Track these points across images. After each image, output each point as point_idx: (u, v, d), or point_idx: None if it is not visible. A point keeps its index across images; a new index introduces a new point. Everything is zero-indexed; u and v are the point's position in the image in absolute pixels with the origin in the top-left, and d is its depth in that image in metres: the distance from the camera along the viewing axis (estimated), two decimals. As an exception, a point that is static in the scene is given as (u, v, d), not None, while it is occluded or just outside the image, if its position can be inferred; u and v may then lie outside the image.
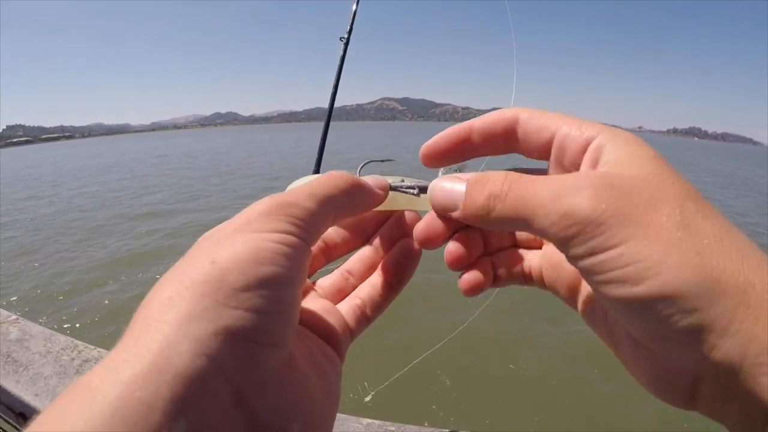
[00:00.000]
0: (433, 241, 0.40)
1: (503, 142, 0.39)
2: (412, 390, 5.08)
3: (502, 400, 5.22)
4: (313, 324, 0.38)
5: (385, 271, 0.44)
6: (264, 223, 0.31)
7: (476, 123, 0.40)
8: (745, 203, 18.85)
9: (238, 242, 0.30)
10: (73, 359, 1.46)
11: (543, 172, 0.39)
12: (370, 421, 1.36)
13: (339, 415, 1.31)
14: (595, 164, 0.33)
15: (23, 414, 1.35)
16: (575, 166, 0.35)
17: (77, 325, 7.39)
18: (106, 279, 9.23)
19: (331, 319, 0.40)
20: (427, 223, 0.40)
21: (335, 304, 0.43)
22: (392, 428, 1.37)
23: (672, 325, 0.26)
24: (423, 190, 0.42)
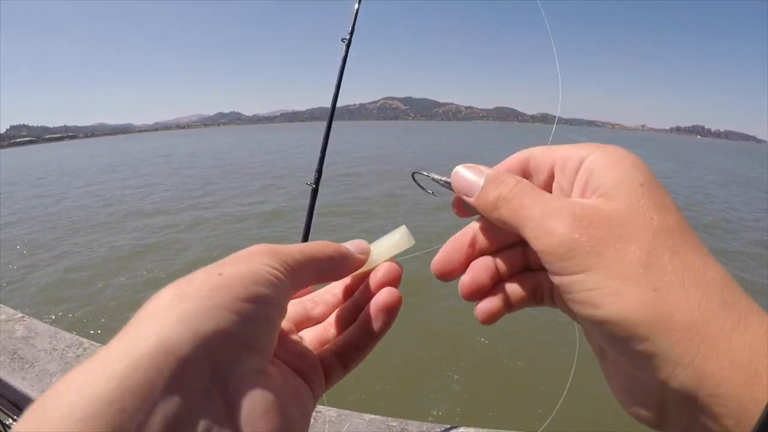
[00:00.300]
0: (450, 274, 0.44)
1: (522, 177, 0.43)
2: (418, 384, 5.11)
3: (507, 394, 5.24)
4: (290, 362, 0.41)
5: (363, 321, 0.46)
6: (261, 258, 0.36)
7: (497, 167, 0.44)
8: (741, 199, 19.03)
9: (242, 264, 0.35)
10: (78, 356, 1.47)
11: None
12: (372, 416, 1.38)
13: (342, 411, 1.32)
14: (585, 186, 0.37)
15: (29, 411, 1.36)
16: (571, 185, 0.39)
17: (84, 321, 7.43)
18: (112, 275, 9.27)
19: (308, 363, 0.43)
20: (444, 256, 0.44)
21: (315, 352, 0.46)
22: (394, 423, 1.39)
23: (630, 348, 0.30)
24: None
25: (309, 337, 0.48)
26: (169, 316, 0.29)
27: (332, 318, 0.49)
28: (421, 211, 13.61)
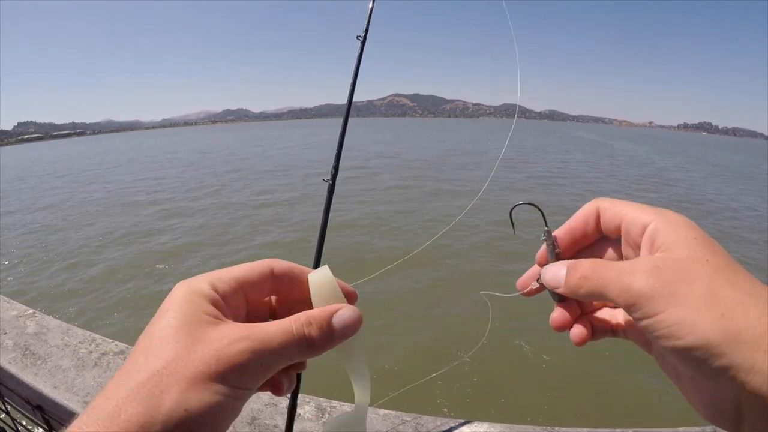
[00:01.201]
0: (565, 326, 0.54)
1: (596, 231, 0.53)
2: (435, 382, 5.11)
3: (523, 390, 5.25)
4: None
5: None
6: (234, 378, 0.39)
7: (572, 224, 0.54)
8: (742, 192, 20.29)
9: (209, 395, 0.38)
10: (91, 352, 1.46)
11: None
12: (386, 411, 1.36)
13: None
14: (651, 246, 0.45)
15: (40, 407, 1.36)
16: (637, 246, 0.47)
17: (97, 315, 7.49)
18: (126, 273, 9.37)
19: None
20: (559, 317, 0.54)
21: None
22: (408, 418, 1.38)
23: (709, 365, 0.37)
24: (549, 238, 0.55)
25: None
26: None
27: None
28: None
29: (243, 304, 0.48)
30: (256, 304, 0.50)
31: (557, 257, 0.54)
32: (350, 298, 0.50)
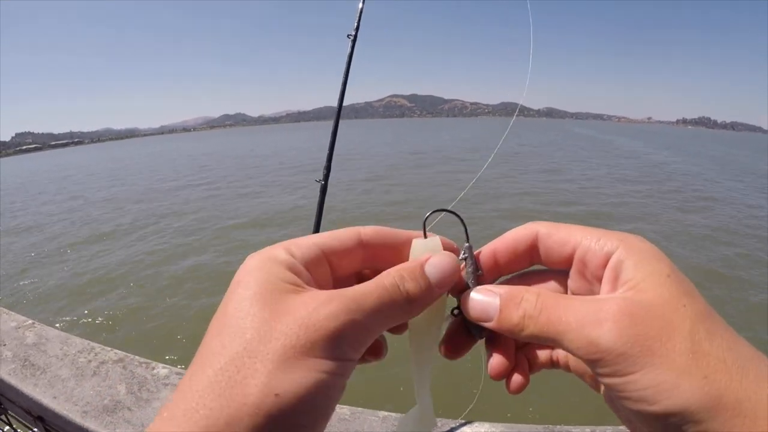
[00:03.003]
0: (506, 373, 0.45)
1: (527, 259, 0.45)
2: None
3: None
4: None
5: None
6: (329, 349, 0.33)
7: (498, 246, 0.45)
8: (738, 186, 20.85)
9: (302, 372, 0.32)
10: (90, 361, 1.46)
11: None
12: (386, 413, 1.36)
13: (356, 409, 1.31)
14: (615, 282, 0.38)
15: (41, 417, 1.36)
16: (597, 279, 0.40)
17: (97, 322, 7.49)
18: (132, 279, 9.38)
19: None
20: (500, 365, 0.45)
21: None
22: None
23: (682, 430, 0.32)
24: (470, 256, 0.44)
25: None
26: None
27: None
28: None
29: (328, 274, 0.41)
30: (344, 278, 0.43)
31: (478, 281, 0.43)
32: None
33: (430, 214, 0.45)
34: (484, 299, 0.41)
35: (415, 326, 0.43)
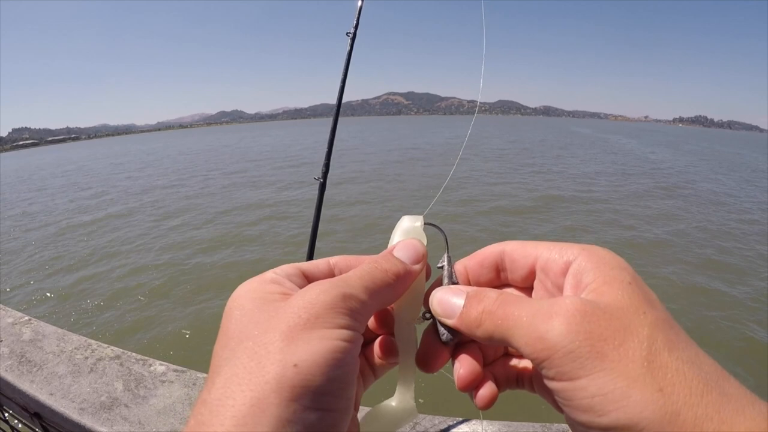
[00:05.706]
0: (474, 384, 0.43)
1: (494, 271, 0.45)
2: (429, 379, 5.11)
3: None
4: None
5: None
6: (331, 318, 0.34)
7: (469, 261, 0.46)
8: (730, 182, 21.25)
9: (314, 342, 0.33)
10: (86, 358, 1.46)
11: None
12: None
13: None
14: (577, 287, 0.37)
15: (38, 414, 1.35)
16: (558, 288, 0.39)
17: (98, 319, 7.46)
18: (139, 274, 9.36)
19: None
20: (469, 374, 0.43)
21: None
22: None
23: None
24: (450, 266, 0.46)
25: None
26: (261, 424, 0.29)
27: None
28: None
29: None
30: None
31: None
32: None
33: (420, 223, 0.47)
34: (450, 296, 0.41)
35: (398, 314, 0.45)
